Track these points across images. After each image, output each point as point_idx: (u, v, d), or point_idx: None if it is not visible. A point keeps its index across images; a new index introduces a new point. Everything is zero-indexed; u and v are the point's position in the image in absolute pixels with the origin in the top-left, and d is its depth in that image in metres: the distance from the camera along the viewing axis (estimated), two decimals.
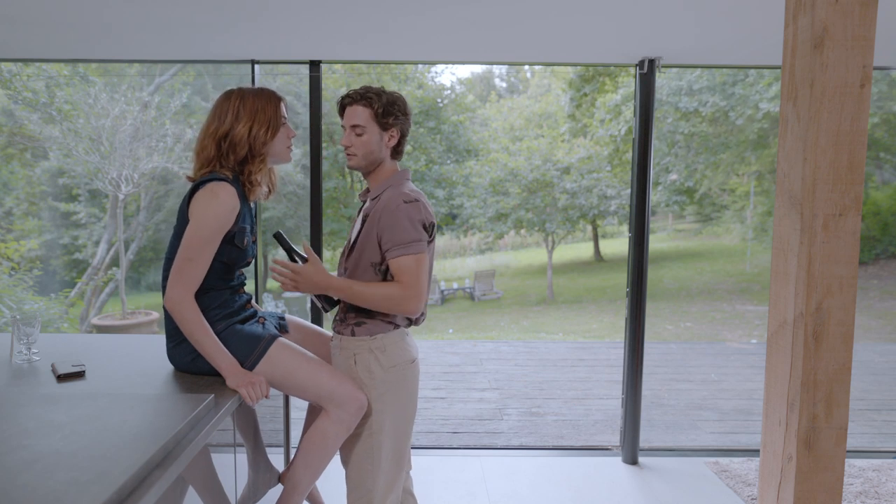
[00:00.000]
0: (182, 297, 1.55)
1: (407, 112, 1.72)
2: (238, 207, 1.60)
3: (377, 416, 1.69)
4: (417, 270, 1.61)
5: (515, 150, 15.52)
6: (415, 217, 1.61)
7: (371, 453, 1.68)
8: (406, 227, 1.60)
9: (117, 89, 8.51)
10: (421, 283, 1.61)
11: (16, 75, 8.07)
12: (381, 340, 1.69)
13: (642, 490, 2.86)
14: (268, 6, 2.19)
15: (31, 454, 1.07)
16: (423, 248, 1.61)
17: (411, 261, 1.60)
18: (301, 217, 12.76)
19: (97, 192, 10.03)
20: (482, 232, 16.54)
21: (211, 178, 1.60)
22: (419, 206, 1.62)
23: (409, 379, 1.73)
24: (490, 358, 5.92)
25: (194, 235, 1.55)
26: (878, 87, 12.39)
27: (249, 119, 1.64)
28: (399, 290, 1.60)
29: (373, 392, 1.68)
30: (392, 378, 1.69)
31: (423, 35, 2.57)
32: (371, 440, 1.68)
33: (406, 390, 1.72)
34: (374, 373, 1.68)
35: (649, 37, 2.61)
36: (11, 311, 6.83)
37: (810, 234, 1.30)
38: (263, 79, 5.20)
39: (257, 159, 1.66)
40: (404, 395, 1.72)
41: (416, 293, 1.60)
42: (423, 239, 1.62)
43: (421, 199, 1.65)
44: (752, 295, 13.38)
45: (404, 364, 1.71)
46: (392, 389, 1.69)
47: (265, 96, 1.69)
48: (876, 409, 4.33)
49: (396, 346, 1.71)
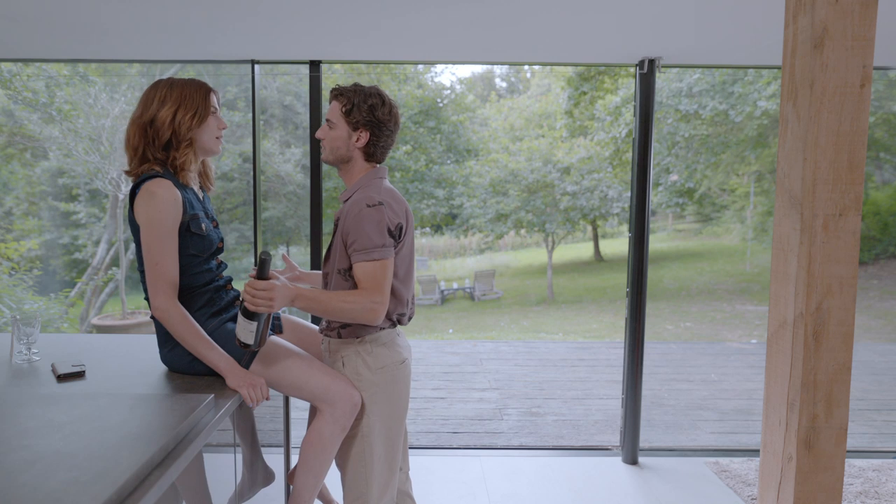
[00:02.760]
0: (167, 304, 1.54)
1: (380, 117, 1.67)
2: (179, 197, 1.58)
3: (367, 419, 1.67)
4: (378, 277, 1.56)
5: (515, 151, 15.52)
6: (378, 222, 1.56)
7: (363, 457, 1.67)
8: (368, 232, 1.56)
9: (117, 89, 8.52)
10: (382, 290, 1.57)
11: (16, 75, 8.07)
12: (368, 342, 1.67)
13: (642, 490, 2.86)
14: (268, 6, 2.19)
15: (31, 454, 1.07)
16: (386, 255, 1.57)
17: (372, 267, 1.56)
18: (301, 217, 12.76)
19: (97, 192, 10.03)
20: (482, 232, 16.54)
21: (143, 180, 1.58)
22: (382, 210, 1.57)
23: (398, 381, 1.71)
24: (490, 358, 5.92)
25: (149, 239, 1.54)
26: (877, 87, 12.39)
27: (174, 104, 1.61)
28: (358, 297, 1.55)
29: (362, 395, 1.67)
30: (381, 380, 1.67)
31: (424, 35, 2.57)
32: (363, 443, 1.68)
33: (396, 392, 1.70)
34: (363, 375, 1.67)
35: (649, 37, 2.61)
36: (11, 311, 6.83)
37: (810, 234, 1.30)
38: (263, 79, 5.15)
39: (183, 144, 1.62)
40: (394, 397, 1.70)
41: (375, 301, 1.56)
42: (388, 245, 1.57)
43: (386, 202, 1.60)
44: (752, 295, 13.38)
45: (393, 365, 1.69)
46: (381, 391, 1.67)
47: (194, 84, 1.66)
48: (876, 409, 4.33)
49: (385, 348, 1.69)
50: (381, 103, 1.67)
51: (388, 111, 1.68)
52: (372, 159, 1.71)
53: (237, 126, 11.35)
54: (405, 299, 1.70)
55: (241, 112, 11.32)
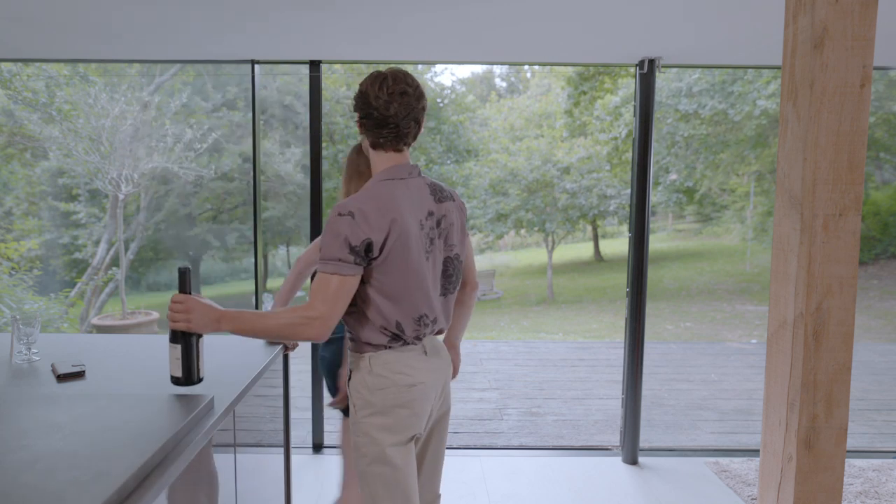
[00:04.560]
0: None
1: (368, 92, 1.44)
2: None
3: (363, 439, 1.49)
4: (322, 290, 1.36)
5: (515, 151, 15.51)
6: (338, 234, 1.36)
7: (363, 480, 1.51)
8: (328, 241, 1.38)
9: (117, 89, 8.51)
10: (325, 303, 1.35)
11: (16, 75, 8.08)
12: (367, 359, 1.50)
13: (642, 490, 2.86)
14: (268, 6, 2.19)
15: (32, 454, 1.07)
16: (341, 270, 1.36)
17: (321, 278, 1.37)
18: (301, 217, 12.76)
19: (97, 192, 10.03)
20: (482, 232, 16.53)
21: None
22: (348, 223, 1.36)
23: (402, 405, 1.47)
24: (490, 358, 5.92)
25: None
26: (877, 87, 12.39)
27: None
28: (291, 311, 1.35)
29: (357, 413, 1.51)
30: (378, 401, 1.47)
31: (424, 35, 2.57)
32: (358, 464, 1.51)
33: (397, 416, 1.47)
34: (362, 393, 1.50)
35: (649, 37, 2.61)
36: (11, 311, 6.83)
37: (810, 234, 1.30)
38: (263, 79, 5.12)
39: None
40: (397, 422, 1.47)
41: (309, 315, 1.34)
42: (345, 260, 1.36)
43: (361, 212, 1.37)
44: (752, 295, 13.37)
45: (396, 389, 1.47)
46: (378, 413, 1.47)
47: None
48: (876, 409, 4.33)
49: (386, 367, 1.48)
50: (372, 80, 1.44)
51: (379, 84, 1.43)
52: (381, 149, 1.48)
53: (237, 126, 11.35)
54: (393, 320, 1.46)
55: (241, 112, 11.33)
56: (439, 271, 1.53)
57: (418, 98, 1.45)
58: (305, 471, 3.06)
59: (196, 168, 9.05)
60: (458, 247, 1.57)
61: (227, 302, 14.13)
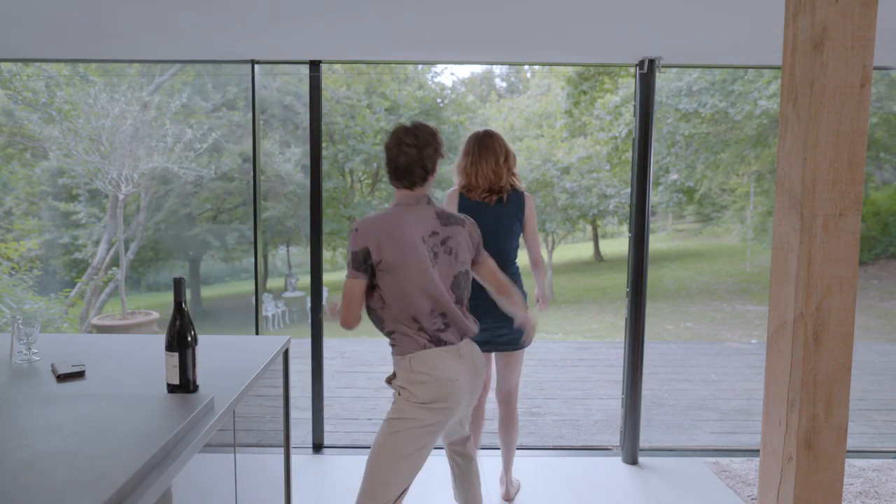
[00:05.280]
0: None
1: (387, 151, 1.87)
2: None
3: (394, 419, 1.80)
4: (344, 291, 1.79)
5: (515, 150, 15.51)
6: (349, 245, 1.81)
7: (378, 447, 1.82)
8: (348, 252, 1.83)
9: (117, 89, 8.52)
10: (343, 301, 1.78)
11: (16, 75, 8.08)
12: (408, 360, 1.81)
13: (642, 490, 2.86)
14: (268, 6, 2.19)
15: (31, 454, 1.07)
16: (352, 275, 1.78)
17: (345, 282, 1.81)
18: (301, 217, 12.76)
19: (97, 192, 10.03)
20: None
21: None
22: (353, 236, 1.79)
23: (439, 400, 1.78)
24: None
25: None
26: (877, 87, 12.39)
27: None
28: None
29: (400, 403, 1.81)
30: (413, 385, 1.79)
31: (423, 35, 2.57)
32: (386, 429, 1.83)
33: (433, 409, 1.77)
34: (406, 388, 1.82)
35: (649, 37, 2.61)
36: (11, 311, 6.82)
37: (810, 234, 1.30)
38: (263, 79, 5.12)
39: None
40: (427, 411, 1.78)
41: (342, 311, 1.79)
42: (351, 266, 1.78)
43: (362, 226, 1.78)
44: (752, 295, 13.37)
45: (435, 381, 1.78)
46: (417, 405, 1.78)
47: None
48: (876, 409, 4.33)
49: (426, 365, 1.80)
50: (391, 136, 1.86)
51: (395, 140, 1.84)
52: (397, 185, 1.86)
53: (237, 126, 11.34)
54: (408, 314, 1.79)
55: (241, 112, 11.32)
56: (449, 282, 1.83)
57: (421, 148, 1.83)
58: (305, 471, 3.06)
59: (196, 168, 9.05)
60: (468, 264, 1.90)
61: (226, 302, 14.12)
